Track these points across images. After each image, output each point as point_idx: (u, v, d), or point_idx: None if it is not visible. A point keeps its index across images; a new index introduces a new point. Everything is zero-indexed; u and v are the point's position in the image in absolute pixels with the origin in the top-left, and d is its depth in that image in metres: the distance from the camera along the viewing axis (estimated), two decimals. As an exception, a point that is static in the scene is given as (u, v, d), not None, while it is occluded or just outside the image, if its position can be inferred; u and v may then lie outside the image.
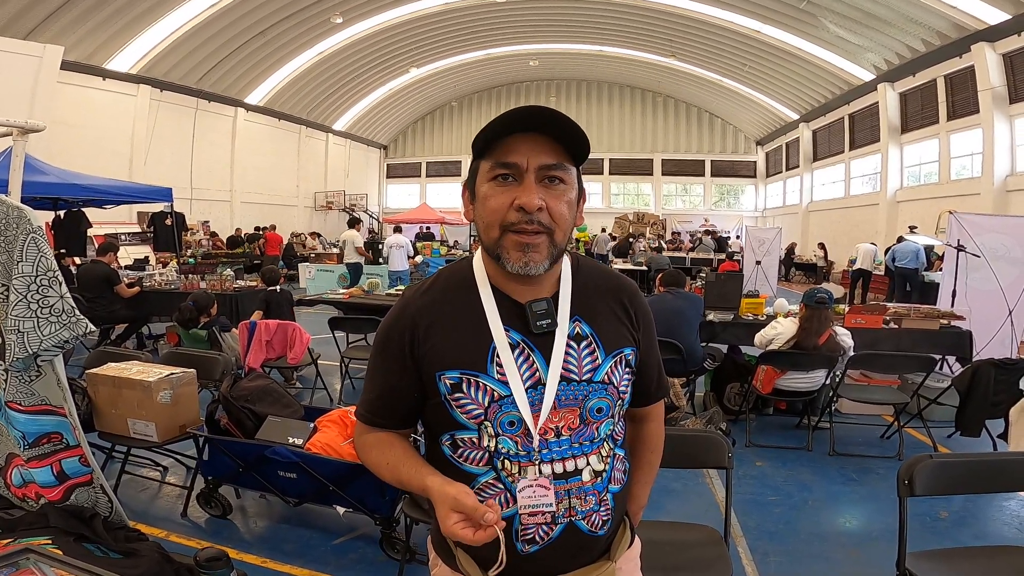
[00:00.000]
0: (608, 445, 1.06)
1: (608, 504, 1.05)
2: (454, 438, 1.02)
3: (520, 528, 1.00)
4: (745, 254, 13.53)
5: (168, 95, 16.01)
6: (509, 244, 0.96)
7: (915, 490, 1.83)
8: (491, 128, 0.95)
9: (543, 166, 0.95)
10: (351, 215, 15.00)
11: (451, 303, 1.04)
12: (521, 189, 0.95)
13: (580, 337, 1.03)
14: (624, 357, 1.07)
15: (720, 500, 3.40)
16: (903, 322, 5.03)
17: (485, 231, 0.99)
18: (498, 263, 0.99)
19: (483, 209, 0.99)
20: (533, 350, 1.00)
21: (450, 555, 1.09)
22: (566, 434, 1.01)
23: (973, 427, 3.91)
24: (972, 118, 12.58)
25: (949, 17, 11.92)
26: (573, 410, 1.01)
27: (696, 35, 17.87)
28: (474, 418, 0.99)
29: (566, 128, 0.94)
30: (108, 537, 1.92)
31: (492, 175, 0.97)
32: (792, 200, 22.38)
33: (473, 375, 0.99)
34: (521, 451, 0.99)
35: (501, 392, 0.98)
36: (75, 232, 8.34)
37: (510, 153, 0.95)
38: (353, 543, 2.89)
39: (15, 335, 1.90)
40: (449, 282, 1.08)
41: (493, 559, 1.02)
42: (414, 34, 19.08)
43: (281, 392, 3.33)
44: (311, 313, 7.17)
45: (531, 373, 1.00)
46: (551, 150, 0.96)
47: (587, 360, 1.03)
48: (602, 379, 1.03)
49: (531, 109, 0.93)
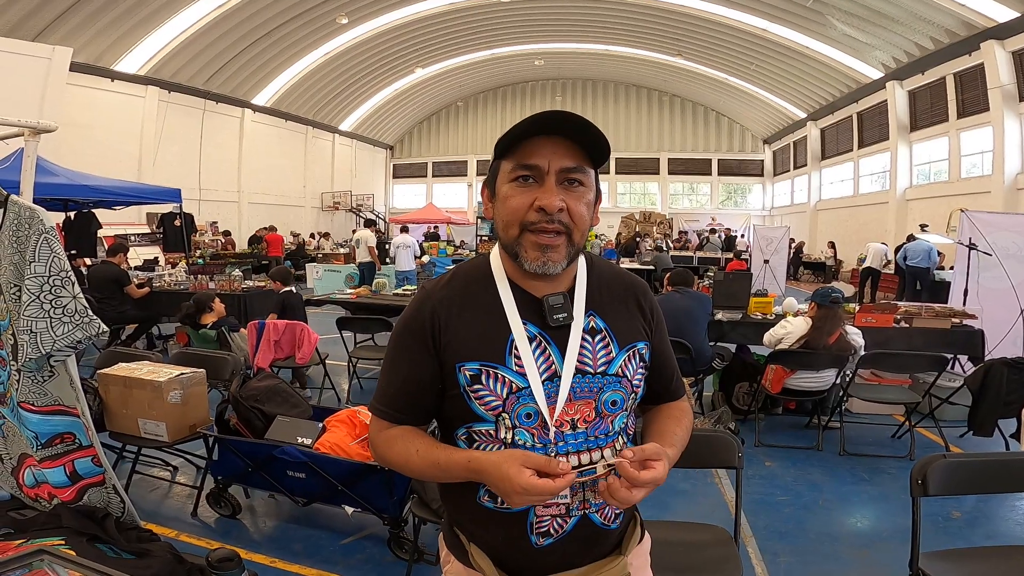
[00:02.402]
0: (622, 439, 1.08)
1: None
2: (470, 431, 1.03)
3: (535, 521, 1.02)
4: (753, 253, 13.48)
5: (176, 96, 16.11)
6: (527, 243, 0.99)
7: (928, 490, 1.82)
8: (514, 131, 0.96)
9: (564, 168, 0.98)
10: (359, 215, 15.03)
11: (470, 296, 1.06)
12: (542, 190, 0.97)
13: (595, 331, 1.05)
14: (637, 351, 1.09)
15: (729, 500, 3.39)
16: (914, 321, 4.99)
17: (504, 229, 1.01)
18: (516, 261, 1.01)
19: (503, 208, 1.01)
20: (549, 343, 1.02)
21: (463, 551, 1.09)
22: (582, 427, 1.02)
23: (986, 427, 3.88)
24: (982, 116, 12.49)
25: (958, 15, 11.83)
26: (588, 403, 1.03)
27: (702, 34, 17.81)
28: (492, 410, 1.00)
29: (587, 131, 0.96)
30: (120, 538, 1.93)
31: (513, 176, 0.99)
32: (800, 199, 22.27)
33: (492, 367, 1.00)
34: (537, 443, 1.00)
35: (519, 384, 1.00)
36: (86, 233, 8.40)
37: (532, 155, 0.97)
38: (361, 543, 2.89)
39: (28, 335, 1.91)
40: (468, 277, 1.09)
41: (507, 552, 1.04)
42: (419, 34, 19.11)
43: (290, 392, 3.34)
44: (318, 313, 7.19)
45: (547, 365, 1.01)
46: (572, 153, 0.98)
47: (601, 353, 1.05)
48: (616, 372, 1.05)
49: (553, 114, 0.94)
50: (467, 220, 22.76)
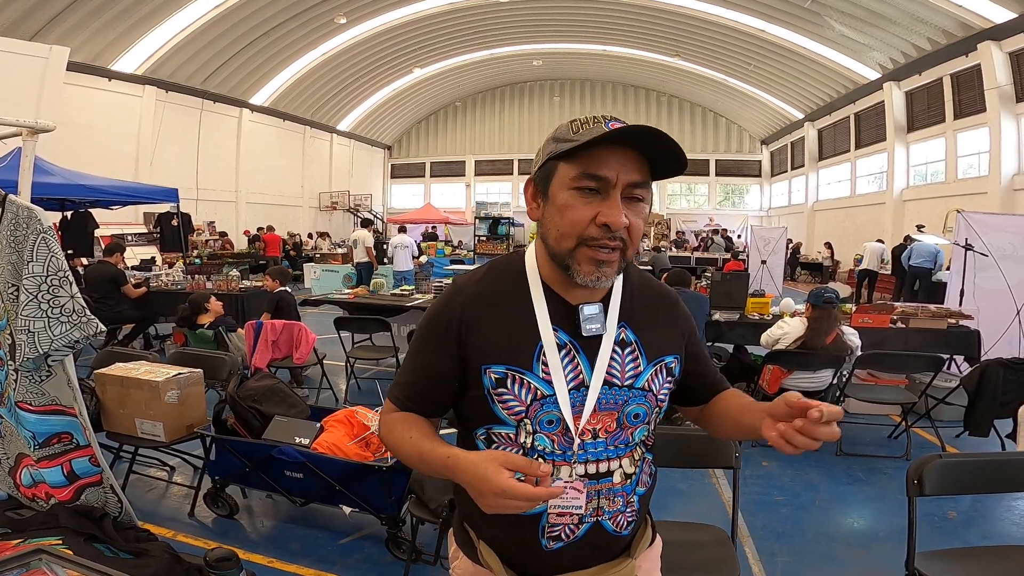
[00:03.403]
0: (640, 449, 1.08)
1: (634, 506, 1.08)
2: (490, 432, 1.03)
3: (547, 525, 1.01)
4: (750, 253, 13.50)
5: (173, 96, 16.08)
6: (582, 257, 0.95)
7: (924, 490, 1.82)
8: (585, 136, 0.91)
9: (631, 183, 0.93)
10: (358, 215, 15.02)
11: (502, 297, 1.03)
12: (606, 205, 0.92)
13: (625, 343, 1.04)
14: (666, 365, 1.07)
15: (727, 500, 3.39)
16: (911, 321, 5.01)
17: (557, 240, 0.97)
18: (566, 272, 0.97)
19: (560, 218, 0.95)
20: (579, 352, 1.00)
21: (472, 548, 1.09)
22: (603, 436, 1.02)
23: (982, 427, 3.90)
24: (979, 117, 12.51)
25: (955, 16, 11.86)
26: (612, 414, 1.02)
27: (700, 35, 17.83)
28: (515, 414, 0.99)
29: (663, 146, 0.91)
30: (118, 537, 1.93)
31: (576, 184, 0.93)
32: (797, 199, 22.31)
33: (518, 372, 0.98)
34: (557, 450, 1.00)
35: (544, 391, 0.98)
36: (82, 233, 8.39)
37: (602, 166, 0.92)
38: (359, 543, 2.89)
39: (26, 335, 1.91)
40: (501, 275, 1.07)
41: (517, 553, 1.04)
42: (417, 34, 19.10)
43: (287, 392, 3.34)
44: (316, 313, 7.18)
45: (575, 375, 1.00)
46: (639, 166, 0.93)
47: (630, 366, 1.03)
48: (642, 386, 1.03)
49: (631, 128, 0.89)
50: (465, 220, 22.76)
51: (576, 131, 0.93)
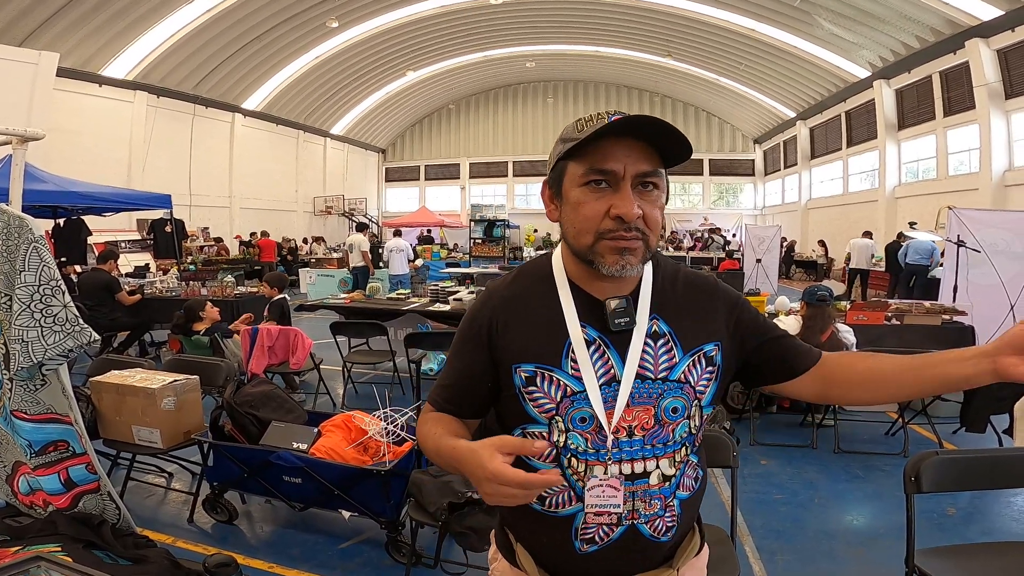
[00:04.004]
0: (684, 451, 1.04)
1: (674, 510, 1.04)
2: (525, 432, 1.03)
3: (580, 526, 1.00)
4: (745, 252, 13.56)
5: (165, 101, 15.99)
6: (604, 250, 0.95)
7: (922, 487, 1.83)
8: (585, 131, 0.92)
9: (640, 173, 0.93)
10: (353, 219, 14.98)
11: (531, 297, 1.05)
12: (618, 197, 0.93)
13: (657, 335, 1.01)
14: (704, 355, 1.03)
15: (725, 499, 3.39)
16: (905, 318, 5.04)
17: (576, 237, 0.97)
18: (592, 267, 0.97)
19: (575, 215, 0.96)
20: (609, 347, 0.99)
21: (511, 551, 1.09)
22: (639, 434, 0.99)
23: (978, 423, 3.91)
24: (968, 114, 12.59)
25: (943, 14, 11.94)
26: (648, 409, 0.99)
27: (692, 34, 17.89)
28: (545, 412, 0.99)
29: (665, 132, 0.91)
30: (117, 544, 1.92)
31: (585, 180, 0.95)
32: (791, 198, 22.39)
33: (547, 369, 0.99)
34: (590, 449, 0.99)
35: (574, 388, 0.98)
36: (75, 240, 8.34)
37: (606, 159, 0.92)
38: (358, 547, 2.89)
39: (19, 344, 1.90)
40: (530, 278, 1.08)
41: (551, 556, 1.03)
42: (410, 37, 19.07)
43: (284, 397, 3.33)
44: (312, 318, 7.17)
45: (606, 370, 0.99)
46: (647, 156, 0.93)
47: (663, 358, 1.00)
48: (678, 378, 1.01)
49: (630, 119, 0.90)
50: (460, 223, 22.73)
51: (580, 129, 0.94)
